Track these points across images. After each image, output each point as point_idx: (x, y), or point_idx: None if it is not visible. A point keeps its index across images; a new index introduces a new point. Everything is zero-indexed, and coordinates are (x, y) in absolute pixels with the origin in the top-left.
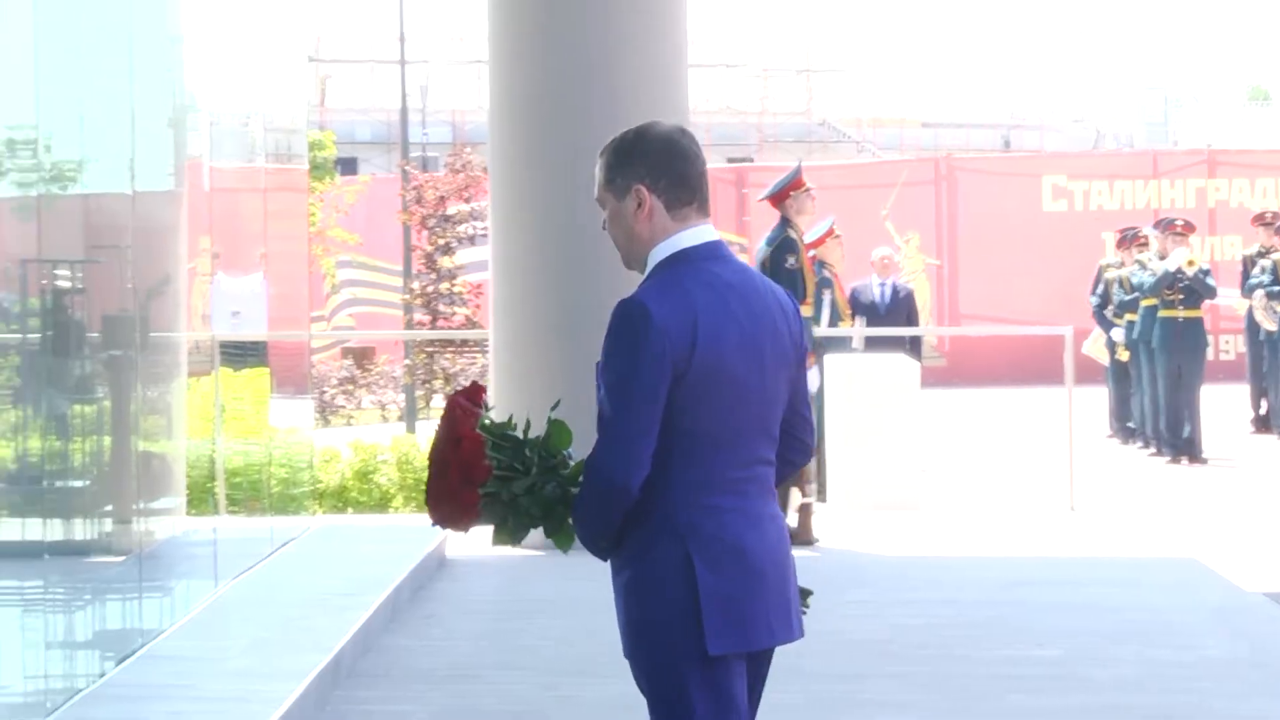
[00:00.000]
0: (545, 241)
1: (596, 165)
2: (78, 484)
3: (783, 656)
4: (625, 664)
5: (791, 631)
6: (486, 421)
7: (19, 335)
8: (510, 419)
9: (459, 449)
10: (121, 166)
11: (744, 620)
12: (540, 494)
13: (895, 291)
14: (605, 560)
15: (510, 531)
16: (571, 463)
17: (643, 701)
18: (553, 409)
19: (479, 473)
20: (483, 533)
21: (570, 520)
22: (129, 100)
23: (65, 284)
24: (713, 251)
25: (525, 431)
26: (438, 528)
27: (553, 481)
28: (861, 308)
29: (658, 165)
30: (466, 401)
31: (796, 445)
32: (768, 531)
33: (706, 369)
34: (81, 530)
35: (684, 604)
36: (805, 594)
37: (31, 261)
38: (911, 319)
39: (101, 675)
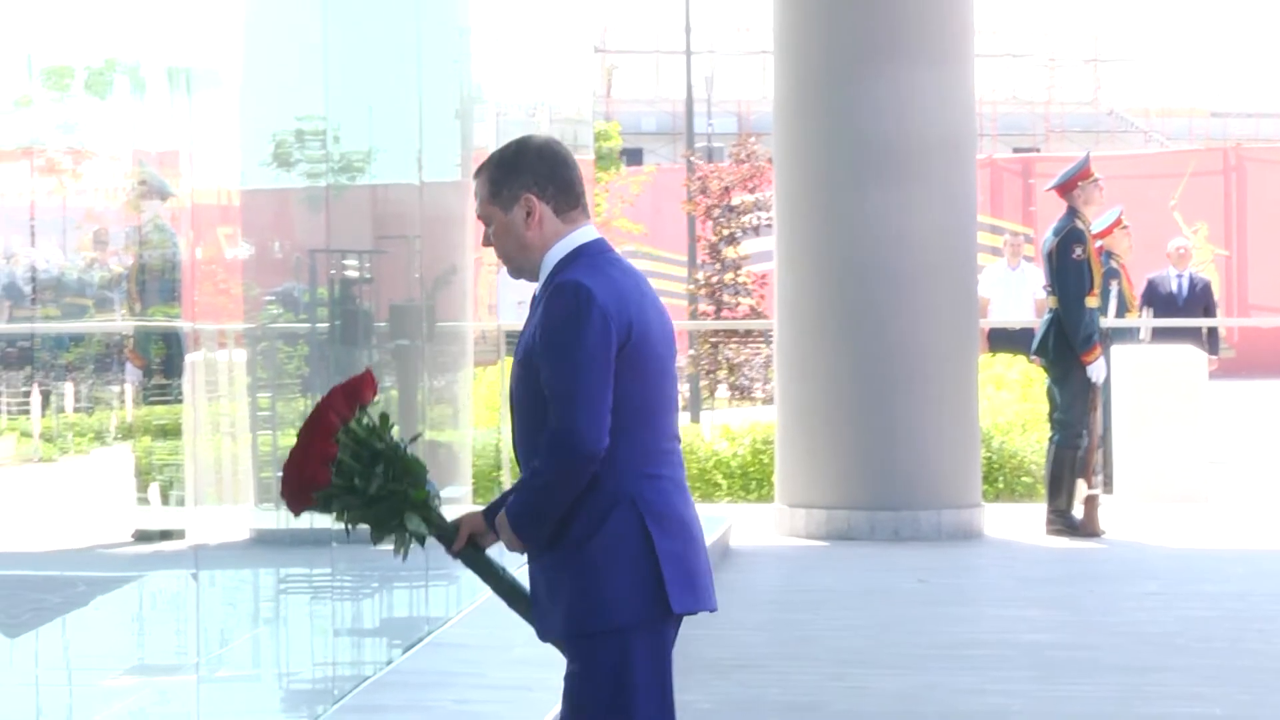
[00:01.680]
0: (831, 232)
1: (476, 182)
2: None
3: (1077, 649)
4: (914, 655)
5: (714, 600)
6: (354, 425)
7: (308, 325)
8: (386, 420)
9: (307, 454)
10: (409, 157)
11: (694, 582)
12: (367, 512)
13: (1193, 283)
14: (538, 547)
15: (338, 520)
16: (426, 490)
17: (942, 693)
18: (412, 440)
19: (316, 484)
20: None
21: (412, 527)
22: (417, 91)
23: (353, 274)
24: (606, 246)
25: (387, 445)
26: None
27: (385, 504)
28: (1159, 299)
29: (543, 173)
30: (344, 402)
31: None
32: (690, 502)
33: (638, 346)
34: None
35: (643, 570)
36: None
37: (320, 251)
38: (1209, 310)
39: (389, 663)
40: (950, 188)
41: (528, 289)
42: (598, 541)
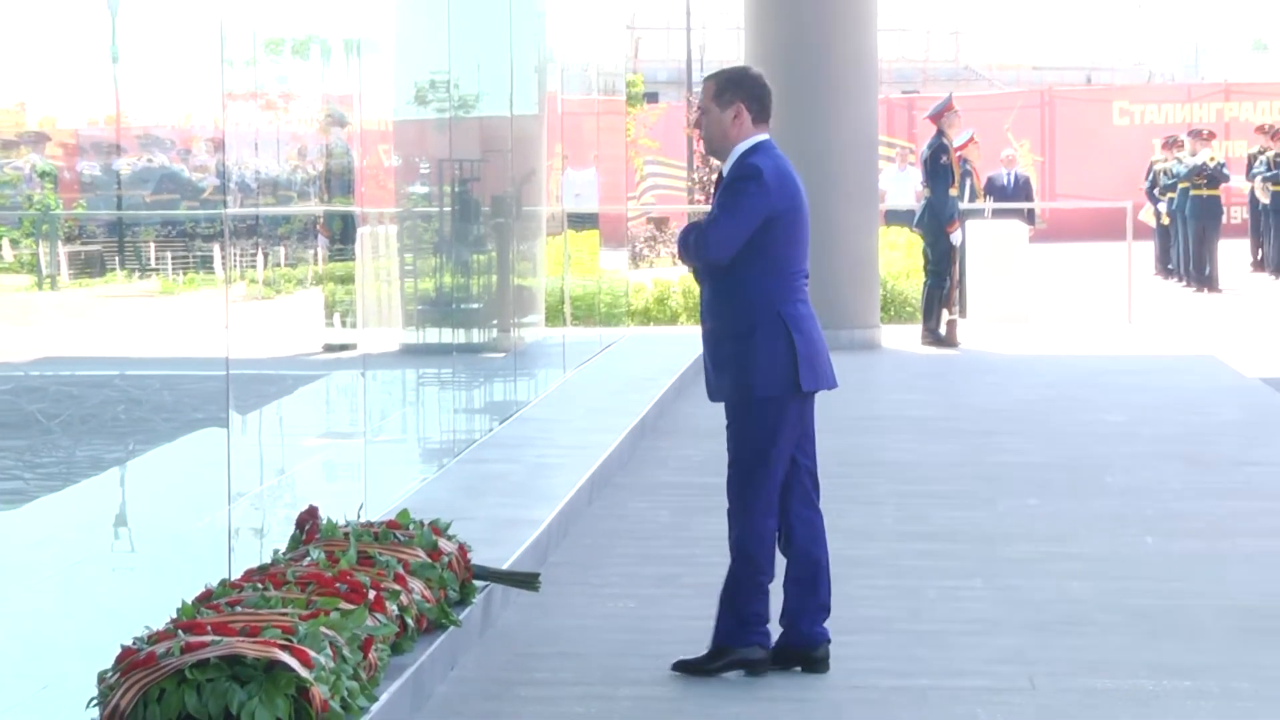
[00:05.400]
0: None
1: (705, 82)
2: (474, 306)
3: (944, 420)
4: (839, 425)
5: (834, 381)
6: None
7: (437, 209)
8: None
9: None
10: (504, 98)
11: (817, 371)
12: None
13: (1017, 179)
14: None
15: None
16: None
17: (860, 450)
18: None
19: None
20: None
21: None
22: (509, 53)
23: (467, 175)
24: (773, 144)
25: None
26: None
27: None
28: (995, 189)
29: (754, 94)
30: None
31: None
32: (815, 316)
33: (793, 212)
34: (477, 336)
35: (785, 361)
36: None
37: (445, 160)
38: (1029, 197)
39: (490, 430)
40: (859, 120)
41: (583, 185)
42: (758, 338)
